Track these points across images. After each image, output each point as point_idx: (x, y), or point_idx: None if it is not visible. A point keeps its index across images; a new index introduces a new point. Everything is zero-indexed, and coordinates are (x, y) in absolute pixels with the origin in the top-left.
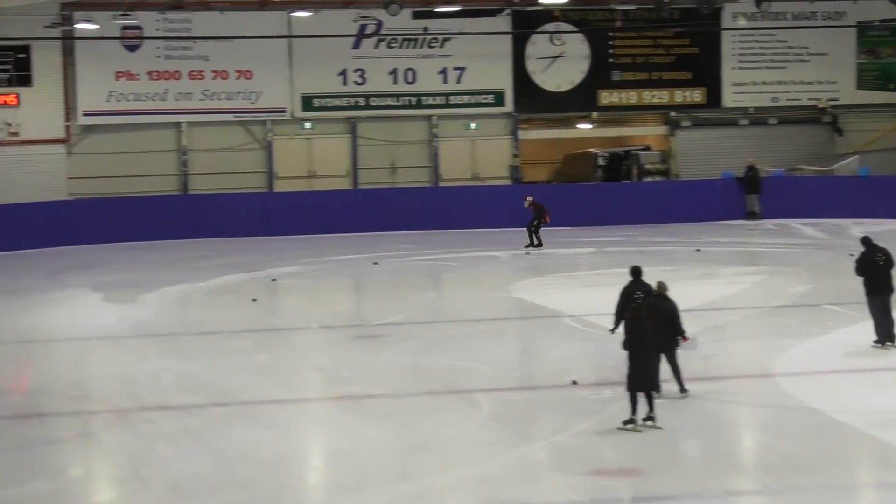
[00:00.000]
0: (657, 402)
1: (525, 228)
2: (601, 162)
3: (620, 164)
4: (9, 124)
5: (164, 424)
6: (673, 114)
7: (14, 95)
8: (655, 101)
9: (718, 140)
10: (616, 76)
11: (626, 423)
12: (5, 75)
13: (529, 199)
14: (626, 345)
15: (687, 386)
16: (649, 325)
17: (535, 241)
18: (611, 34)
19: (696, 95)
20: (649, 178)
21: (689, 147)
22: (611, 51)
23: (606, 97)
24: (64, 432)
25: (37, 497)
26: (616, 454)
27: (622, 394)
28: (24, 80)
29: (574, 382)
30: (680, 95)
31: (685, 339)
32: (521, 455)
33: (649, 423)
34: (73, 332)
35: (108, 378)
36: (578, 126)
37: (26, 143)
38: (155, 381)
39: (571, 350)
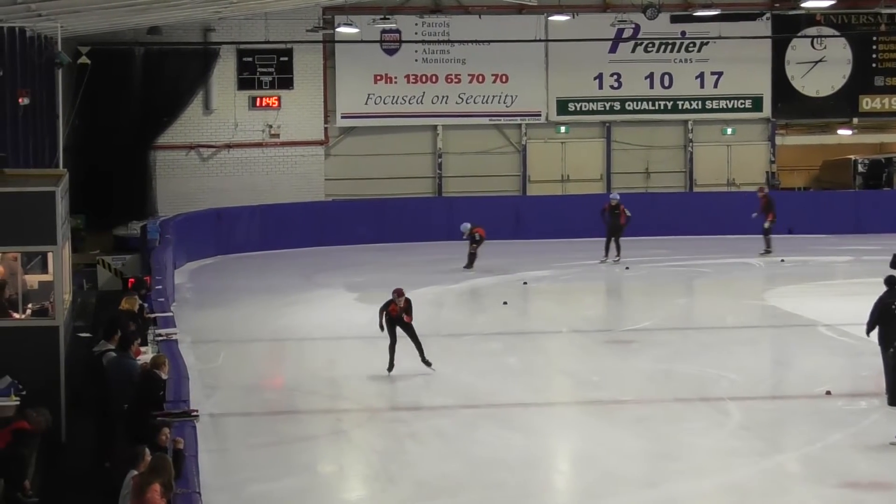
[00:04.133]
0: None
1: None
2: (861, 169)
3: (881, 171)
4: (270, 126)
5: (414, 424)
6: None
7: (276, 98)
8: None
9: None
10: (879, 81)
11: None
12: (268, 78)
13: None
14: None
15: None
16: None
17: None
18: (875, 38)
19: None
20: None
21: None
22: (874, 55)
23: (868, 103)
24: (317, 429)
25: (289, 492)
26: (870, 467)
27: (878, 406)
28: (286, 82)
29: (828, 393)
30: None
31: None
32: (772, 465)
33: None
34: (327, 331)
35: (360, 377)
36: (838, 132)
37: (286, 144)
38: (405, 382)
39: (825, 360)
